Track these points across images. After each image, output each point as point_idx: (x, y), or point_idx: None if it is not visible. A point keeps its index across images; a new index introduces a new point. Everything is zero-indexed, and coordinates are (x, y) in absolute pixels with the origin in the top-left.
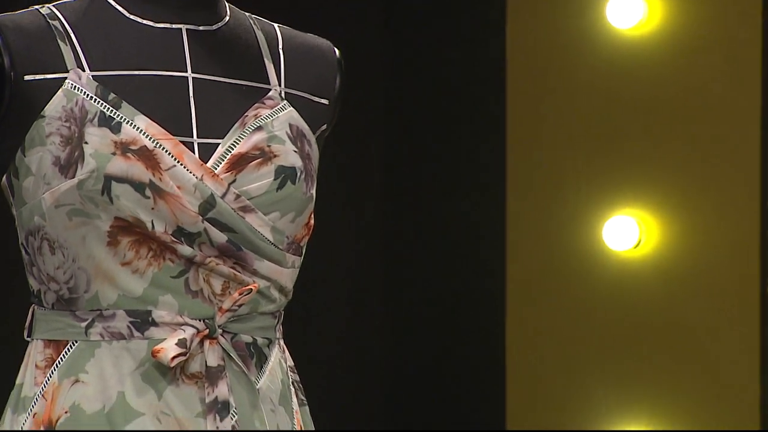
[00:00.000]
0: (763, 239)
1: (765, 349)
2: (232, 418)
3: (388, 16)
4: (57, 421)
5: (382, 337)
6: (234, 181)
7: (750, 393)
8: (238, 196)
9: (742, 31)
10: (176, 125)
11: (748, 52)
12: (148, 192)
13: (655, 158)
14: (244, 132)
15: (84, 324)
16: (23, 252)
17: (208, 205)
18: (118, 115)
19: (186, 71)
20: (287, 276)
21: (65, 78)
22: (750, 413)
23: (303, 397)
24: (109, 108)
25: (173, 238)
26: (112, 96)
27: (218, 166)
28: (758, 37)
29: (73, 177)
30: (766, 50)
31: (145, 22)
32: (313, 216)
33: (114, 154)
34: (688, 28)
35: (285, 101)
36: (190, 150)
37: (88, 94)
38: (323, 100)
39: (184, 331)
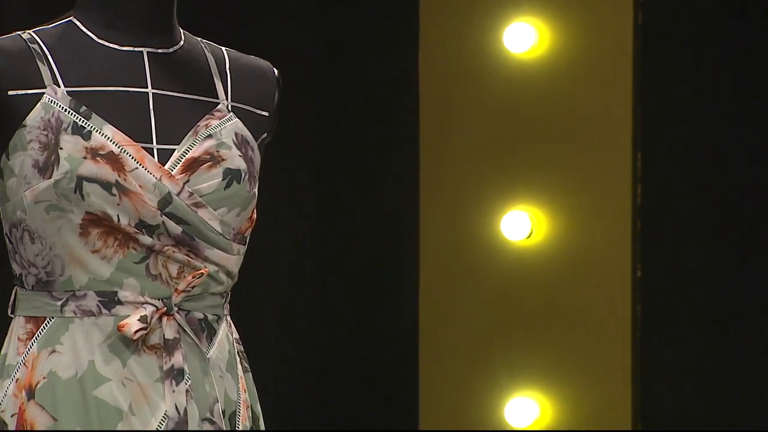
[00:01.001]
0: (634, 231)
1: (635, 325)
2: (186, 383)
3: (320, 40)
4: (36, 385)
5: (313, 313)
6: (188, 181)
7: (623, 362)
8: (191, 194)
9: (615, 54)
10: (138, 133)
11: (621, 72)
12: (114, 190)
13: (544, 163)
14: (196, 139)
15: (59, 303)
16: (7, 241)
17: (165, 201)
18: (89, 124)
19: (147, 87)
20: (233, 262)
21: (43, 93)
22: (623, 379)
23: (246, 365)
24: (80, 119)
25: (136, 230)
26: (83, 108)
27: (174, 168)
28: (629, 59)
29: (50, 177)
30: (636, 70)
31: (111, 45)
32: (255, 211)
33: (85, 158)
34: (571, 52)
35: (231, 113)
36: (150, 155)
37: (63, 107)
38: (264, 112)
39: (145, 309)
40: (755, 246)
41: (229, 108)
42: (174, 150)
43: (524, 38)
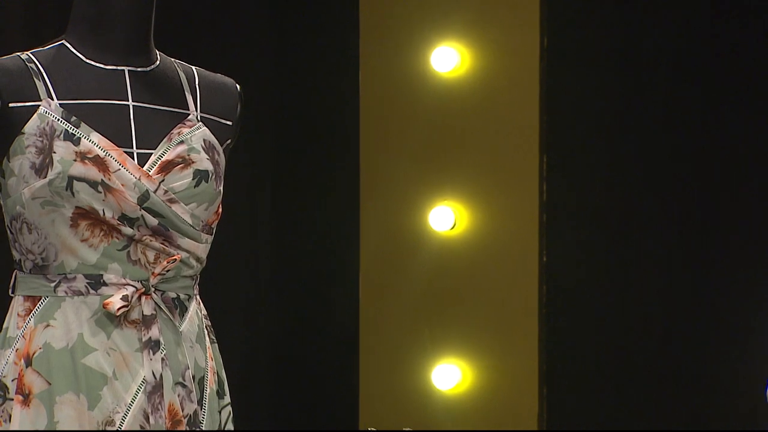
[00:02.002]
0: (540, 223)
1: (541, 302)
2: (161, 352)
3: (277, 63)
4: (33, 354)
5: (270, 292)
6: (163, 180)
7: (531, 333)
8: (166, 191)
9: (524, 72)
10: (120, 139)
11: (529, 88)
12: (100, 188)
13: (465, 165)
14: (170, 145)
15: (53, 284)
16: (8, 232)
17: (144, 197)
18: (78, 132)
19: (128, 100)
20: (202, 249)
21: (39, 105)
22: (531, 348)
23: (213, 338)
24: (71, 127)
25: (118, 222)
26: (73, 118)
27: (151, 169)
28: (536, 77)
29: (45, 177)
30: (541, 86)
31: (98, 64)
32: (220, 206)
33: (75, 160)
34: (487, 71)
35: (200, 123)
36: (131, 158)
37: (56, 117)
38: (228, 122)
39: (127, 289)
40: (643, 234)
41: (198, 118)
42: (151, 154)
43: (448, 60)
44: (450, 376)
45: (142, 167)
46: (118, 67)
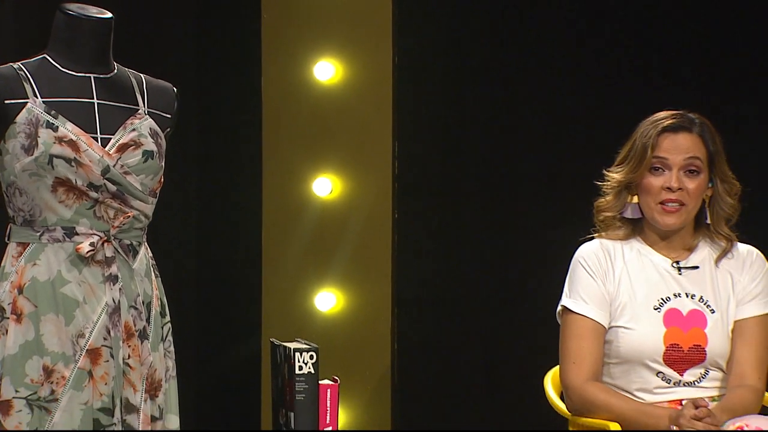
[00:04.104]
0: (393, 190)
1: (394, 246)
2: (119, 284)
3: (197, 68)
4: (24, 285)
5: (197, 242)
6: (120, 158)
7: (387, 269)
8: (122, 166)
9: (381, 81)
10: (88, 128)
11: (385, 92)
12: (73, 163)
13: (339, 148)
14: (125, 132)
15: (38, 234)
16: (5, 195)
17: (105, 170)
18: (57, 122)
19: (93, 99)
20: (149, 208)
21: (27, 102)
22: (386, 280)
23: (157, 273)
24: (51, 118)
25: (87, 188)
26: (53, 112)
27: (111, 150)
28: (390, 84)
29: (32, 155)
30: (394, 90)
31: (71, 72)
32: (162, 177)
33: (54, 143)
34: (355, 80)
35: (147, 116)
36: (96, 141)
37: (40, 111)
38: (167, 115)
39: (93, 238)
40: (467, 200)
41: (146, 112)
42: (111, 138)
43: (327, 71)
44: (328, 300)
45: (104, 148)
46: (86, 75)
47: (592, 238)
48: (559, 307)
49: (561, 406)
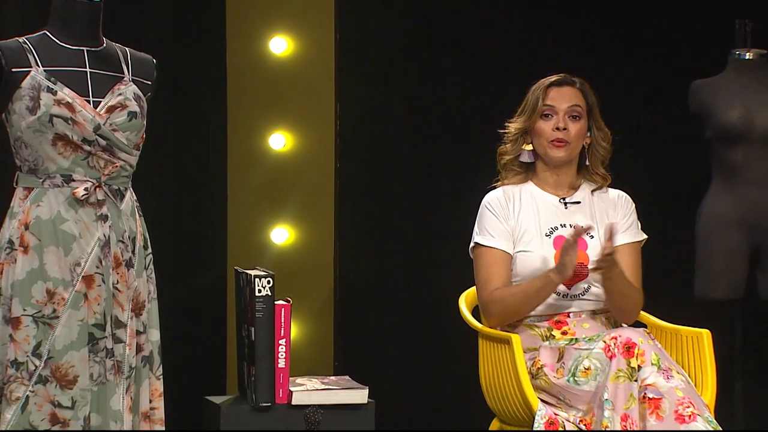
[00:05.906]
0: (335, 145)
1: (336, 189)
2: (109, 222)
3: (171, 42)
4: (29, 223)
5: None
6: (108, 117)
7: (329, 206)
8: (111, 124)
9: (325, 54)
10: (82, 92)
11: (328, 64)
12: (69, 122)
13: (291, 108)
14: (113, 96)
15: (41, 180)
16: (12, 148)
17: (97, 128)
18: (56, 87)
19: (86, 68)
20: (133, 160)
21: (31, 70)
22: (330, 218)
23: (140, 213)
24: (51, 84)
25: (81, 143)
26: (52, 79)
27: (101, 111)
28: (332, 58)
29: (35, 115)
30: (336, 63)
31: (67, 46)
32: (144, 133)
33: (54, 105)
34: (305, 54)
35: (131, 82)
36: (89, 104)
37: (42, 78)
38: (148, 82)
39: (87, 184)
40: (400, 150)
41: (130, 80)
42: (101, 101)
43: (280, 46)
44: (282, 235)
45: (96, 109)
46: (80, 48)
47: (495, 188)
48: (472, 244)
49: (472, 320)
